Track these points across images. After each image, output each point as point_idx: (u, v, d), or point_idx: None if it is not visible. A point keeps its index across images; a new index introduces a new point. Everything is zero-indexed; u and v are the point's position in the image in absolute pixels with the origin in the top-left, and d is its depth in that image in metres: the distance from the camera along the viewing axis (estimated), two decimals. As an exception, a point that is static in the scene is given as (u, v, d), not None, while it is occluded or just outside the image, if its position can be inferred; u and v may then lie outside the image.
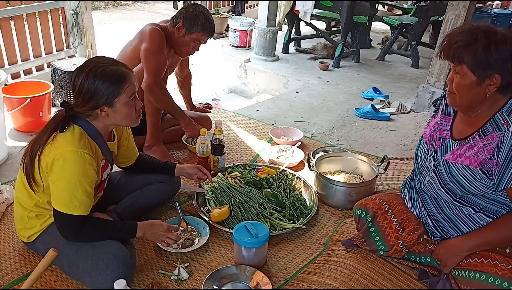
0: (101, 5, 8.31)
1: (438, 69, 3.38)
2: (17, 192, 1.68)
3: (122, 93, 1.52)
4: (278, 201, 2.13)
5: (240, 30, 5.38)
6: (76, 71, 1.52)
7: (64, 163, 1.45)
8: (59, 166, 1.46)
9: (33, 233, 1.67)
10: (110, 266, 1.51)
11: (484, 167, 1.39)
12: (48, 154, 1.48)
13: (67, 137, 1.49)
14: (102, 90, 1.48)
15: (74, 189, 1.47)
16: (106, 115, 1.55)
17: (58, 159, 1.45)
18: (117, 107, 1.53)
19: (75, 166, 1.46)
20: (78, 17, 3.83)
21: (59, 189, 1.49)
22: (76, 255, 1.57)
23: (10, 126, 2.98)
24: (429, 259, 1.67)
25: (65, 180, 1.47)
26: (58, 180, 1.48)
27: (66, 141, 1.47)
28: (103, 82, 1.48)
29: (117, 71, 1.51)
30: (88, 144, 1.53)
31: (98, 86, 1.48)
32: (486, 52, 1.30)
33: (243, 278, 1.68)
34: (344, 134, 3.21)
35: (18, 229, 1.72)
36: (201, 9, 2.44)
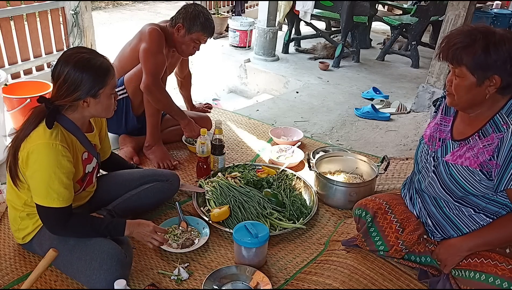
0: (101, 5, 8.31)
1: (438, 69, 3.38)
2: (7, 194, 1.68)
3: (107, 85, 1.53)
4: (278, 201, 2.13)
5: (240, 30, 5.38)
6: (61, 61, 1.49)
7: (37, 155, 1.45)
8: (33, 160, 1.46)
9: (27, 234, 1.68)
10: (103, 266, 1.51)
11: (484, 168, 1.40)
12: (22, 149, 1.48)
13: (40, 131, 1.48)
14: (89, 81, 1.48)
15: (49, 180, 1.46)
16: (87, 106, 1.54)
17: (31, 153, 1.45)
18: (100, 99, 1.54)
19: (48, 157, 1.45)
20: (78, 17, 3.83)
21: (36, 183, 1.48)
22: (70, 255, 1.57)
23: (10, 126, 2.98)
24: (429, 259, 1.67)
25: (40, 173, 1.46)
26: (33, 174, 1.47)
27: (39, 135, 1.47)
28: (91, 73, 1.48)
29: (103, 64, 1.53)
30: (63, 136, 1.52)
31: (85, 77, 1.48)
32: (485, 54, 1.30)
33: (243, 278, 1.69)
34: (344, 134, 3.21)
35: (13, 231, 1.73)
36: (200, 9, 2.44)
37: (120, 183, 1.99)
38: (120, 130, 2.67)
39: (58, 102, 1.50)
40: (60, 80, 1.48)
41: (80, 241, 1.59)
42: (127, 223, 1.64)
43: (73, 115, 1.57)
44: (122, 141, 2.65)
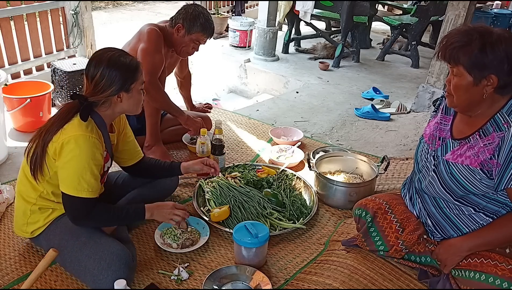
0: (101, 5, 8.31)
1: (438, 69, 3.39)
2: (20, 186, 1.68)
3: (137, 79, 1.64)
4: (278, 201, 2.13)
5: (240, 30, 5.38)
6: (94, 61, 1.59)
7: (73, 146, 1.50)
8: (68, 150, 1.50)
9: (36, 228, 1.68)
10: (112, 266, 1.52)
11: (484, 167, 1.40)
12: (56, 140, 1.52)
13: (75, 124, 1.54)
14: (122, 76, 1.58)
15: (83, 171, 1.52)
16: (120, 101, 1.62)
17: (66, 143, 1.50)
18: (132, 93, 1.64)
19: (84, 148, 1.51)
20: (78, 17, 3.83)
21: (68, 172, 1.53)
22: (80, 252, 1.58)
23: (10, 126, 2.98)
24: (429, 259, 1.67)
25: (74, 163, 1.52)
26: (66, 164, 1.52)
27: (74, 127, 1.53)
28: (123, 69, 1.59)
29: (133, 60, 1.64)
30: (96, 131, 1.59)
31: (119, 73, 1.58)
32: (481, 53, 1.31)
33: (243, 278, 1.68)
34: (344, 134, 3.21)
35: (20, 224, 1.71)
36: (200, 10, 2.44)
37: (122, 182, 2.01)
38: (120, 130, 2.66)
39: (93, 98, 1.58)
40: (96, 77, 1.57)
41: (92, 239, 1.60)
42: (146, 207, 1.71)
43: (105, 112, 1.65)
44: (122, 141, 2.64)
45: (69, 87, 3.23)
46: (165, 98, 2.45)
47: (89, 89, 1.60)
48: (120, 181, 2.01)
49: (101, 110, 1.63)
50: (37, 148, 1.55)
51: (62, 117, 1.56)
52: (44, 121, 3.06)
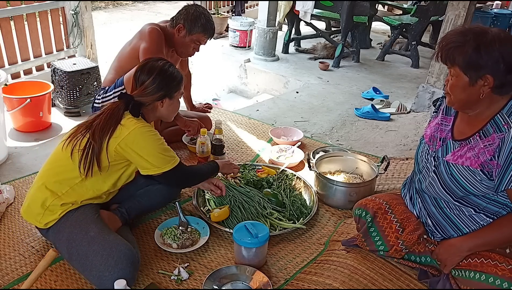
0: (101, 5, 8.31)
1: (438, 69, 3.39)
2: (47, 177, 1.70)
3: (180, 89, 1.82)
4: (278, 201, 2.13)
5: (240, 30, 5.38)
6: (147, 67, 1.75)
7: (142, 136, 1.66)
8: (138, 141, 1.66)
9: (51, 220, 1.68)
10: (119, 265, 1.53)
11: (484, 168, 1.40)
12: (119, 136, 1.64)
13: (131, 120, 1.68)
14: (170, 84, 1.76)
15: (161, 150, 1.73)
16: (161, 106, 1.78)
17: (134, 136, 1.65)
18: (173, 100, 1.81)
19: (150, 133, 1.70)
20: (78, 17, 3.83)
21: (150, 157, 1.69)
22: (88, 247, 1.59)
23: (10, 126, 2.98)
24: (429, 259, 1.67)
25: (153, 147, 1.69)
26: (144, 152, 1.68)
27: (132, 123, 1.67)
28: (172, 78, 1.77)
29: (179, 72, 1.83)
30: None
31: (169, 80, 1.76)
32: (476, 53, 1.32)
33: (243, 278, 1.69)
34: (344, 134, 3.21)
35: (35, 213, 1.69)
36: (201, 10, 2.44)
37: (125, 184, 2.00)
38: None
39: (140, 99, 1.72)
40: (147, 82, 1.73)
41: (100, 235, 1.61)
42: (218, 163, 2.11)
43: (148, 115, 1.79)
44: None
45: (69, 87, 3.23)
46: None
47: (137, 91, 1.74)
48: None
49: (144, 111, 1.77)
50: (92, 144, 1.63)
51: (114, 114, 1.67)
52: (44, 121, 3.08)
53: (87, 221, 1.66)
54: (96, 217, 1.71)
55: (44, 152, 2.68)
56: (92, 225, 1.65)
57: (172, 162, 1.75)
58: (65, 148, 1.67)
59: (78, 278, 1.68)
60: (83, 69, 3.29)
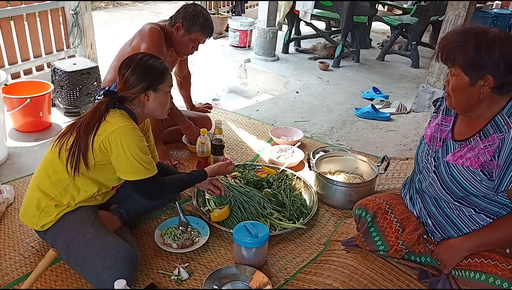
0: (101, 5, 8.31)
1: (438, 69, 3.39)
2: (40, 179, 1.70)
3: (165, 81, 1.73)
4: (278, 201, 2.13)
5: (240, 30, 5.38)
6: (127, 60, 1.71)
7: (122, 138, 1.59)
8: (118, 141, 1.59)
9: (47, 222, 1.68)
10: (117, 265, 1.53)
11: (485, 168, 1.40)
12: (102, 134, 1.59)
13: (117, 116, 1.63)
14: (151, 75, 1.69)
15: (141, 156, 1.64)
16: (147, 100, 1.71)
17: (115, 137, 1.59)
18: (159, 93, 1.72)
19: (132, 137, 1.62)
20: (78, 17, 3.82)
21: (127, 162, 1.62)
22: (85, 249, 1.58)
23: (10, 126, 2.98)
24: (429, 259, 1.67)
25: (129, 152, 1.61)
26: (122, 155, 1.60)
27: (115, 122, 1.61)
28: (153, 69, 1.71)
29: (162, 63, 1.76)
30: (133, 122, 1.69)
31: (150, 70, 1.69)
32: (476, 53, 1.32)
33: (243, 278, 1.68)
34: (344, 134, 3.21)
35: (31, 216, 1.70)
36: (200, 9, 2.44)
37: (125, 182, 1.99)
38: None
39: (122, 93, 1.68)
40: (127, 74, 1.68)
41: (98, 237, 1.61)
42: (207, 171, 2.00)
43: (135, 110, 1.73)
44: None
45: (69, 87, 3.23)
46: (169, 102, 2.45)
47: (119, 86, 1.71)
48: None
49: (131, 107, 1.72)
50: (78, 142, 1.61)
51: (97, 110, 1.63)
52: (44, 121, 3.08)
53: (84, 223, 1.65)
54: (93, 218, 1.70)
55: (44, 152, 2.63)
56: (89, 227, 1.64)
57: (145, 172, 1.66)
58: (54, 149, 1.66)
59: (78, 278, 1.68)
60: (83, 69, 3.29)
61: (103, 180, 1.73)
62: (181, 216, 2.01)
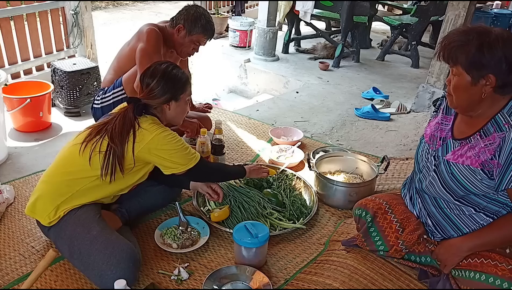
0: (101, 5, 8.31)
1: (438, 69, 3.39)
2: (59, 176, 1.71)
3: (186, 90, 1.82)
4: (278, 201, 2.13)
5: (240, 30, 5.38)
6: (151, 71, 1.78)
7: (167, 138, 1.70)
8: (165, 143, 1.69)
9: (55, 218, 1.68)
10: (121, 264, 1.54)
11: (485, 167, 1.39)
12: (142, 140, 1.67)
13: (150, 123, 1.71)
14: (176, 85, 1.77)
15: (184, 149, 1.76)
16: (168, 109, 1.79)
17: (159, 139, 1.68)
18: (180, 102, 1.80)
19: (170, 138, 1.71)
20: (78, 17, 3.82)
21: (177, 157, 1.74)
22: (90, 245, 1.59)
23: (10, 126, 2.98)
24: (429, 259, 1.67)
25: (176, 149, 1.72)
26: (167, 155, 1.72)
27: (155, 127, 1.70)
28: (177, 79, 1.78)
29: (184, 74, 1.83)
30: None
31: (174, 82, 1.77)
32: (479, 53, 1.31)
33: (243, 278, 1.68)
34: (344, 134, 3.21)
35: (41, 210, 1.70)
36: (202, 11, 2.44)
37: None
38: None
39: (146, 101, 1.73)
40: (152, 85, 1.74)
41: (102, 234, 1.62)
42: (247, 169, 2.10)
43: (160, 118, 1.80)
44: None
45: (69, 87, 3.23)
46: None
47: (143, 94, 1.76)
48: None
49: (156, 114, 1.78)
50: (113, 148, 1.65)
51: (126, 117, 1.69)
52: (45, 121, 3.08)
53: (89, 220, 1.66)
54: (98, 217, 1.70)
55: (44, 152, 2.68)
56: (95, 224, 1.65)
57: (194, 158, 1.79)
58: (82, 152, 1.66)
59: (78, 278, 1.68)
60: (83, 69, 3.29)
61: (130, 182, 1.80)
62: (181, 216, 2.01)
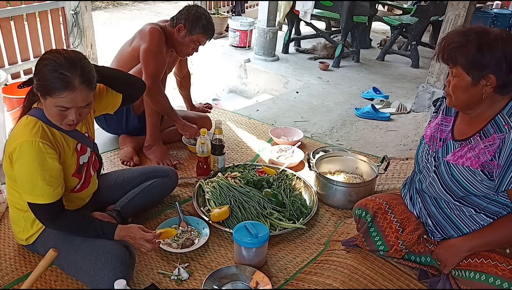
0: (101, 5, 8.32)
1: (438, 69, 3.39)
2: (9, 195, 1.66)
3: (52, 96, 1.43)
4: (278, 201, 2.13)
5: (240, 30, 5.38)
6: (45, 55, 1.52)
7: (19, 154, 1.45)
8: (15, 157, 1.46)
9: (30, 235, 1.67)
10: (108, 266, 1.51)
11: (485, 168, 1.39)
12: (7, 148, 1.50)
13: (21, 126, 1.50)
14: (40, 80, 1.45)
15: (33, 178, 1.46)
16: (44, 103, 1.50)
17: (14, 151, 1.46)
18: (46, 103, 1.47)
19: (29, 155, 1.45)
20: (78, 17, 3.83)
21: (21, 180, 1.50)
22: (75, 255, 1.57)
23: (10, 126, 2.98)
24: (429, 259, 1.67)
25: (24, 171, 1.47)
26: (18, 171, 1.49)
27: (20, 131, 1.49)
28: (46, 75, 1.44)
29: (63, 78, 1.42)
30: (44, 132, 1.50)
31: (39, 74, 1.46)
32: (478, 53, 1.32)
33: (243, 278, 1.68)
34: (344, 134, 3.21)
35: (16, 232, 1.72)
36: (202, 11, 2.44)
37: (121, 181, 2.00)
38: (120, 130, 2.67)
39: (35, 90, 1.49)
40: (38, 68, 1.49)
41: (86, 241, 1.59)
42: (118, 227, 1.62)
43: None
44: (122, 141, 2.65)
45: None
46: (166, 102, 2.45)
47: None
48: (120, 180, 2.01)
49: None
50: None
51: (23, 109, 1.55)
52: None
53: None
54: None
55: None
56: None
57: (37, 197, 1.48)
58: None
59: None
60: (83, 69, 3.28)
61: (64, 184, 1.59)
62: (180, 216, 2.01)
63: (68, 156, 1.60)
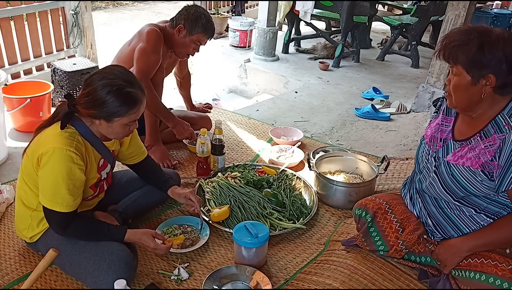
0: (101, 5, 8.31)
1: (438, 69, 3.39)
2: (20, 191, 1.67)
3: (125, 116, 1.54)
4: (278, 201, 2.13)
5: (240, 30, 5.38)
6: (95, 75, 1.53)
7: (49, 158, 1.47)
8: (45, 161, 1.48)
9: (35, 234, 1.67)
10: (112, 267, 1.52)
11: (485, 168, 1.39)
12: (36, 149, 1.51)
13: (56, 133, 1.52)
14: (108, 106, 1.50)
15: (57, 185, 1.48)
16: (99, 124, 1.56)
17: (45, 154, 1.47)
18: (113, 125, 1.56)
19: (60, 163, 1.47)
20: (78, 17, 3.83)
21: (44, 184, 1.51)
22: (79, 255, 1.58)
23: (10, 126, 2.98)
24: (429, 259, 1.67)
25: (50, 176, 1.49)
26: (43, 175, 1.50)
27: (54, 138, 1.50)
28: (114, 100, 1.49)
29: (132, 95, 1.52)
30: (78, 144, 1.53)
31: (107, 101, 1.49)
32: (479, 52, 1.32)
33: (243, 278, 1.68)
34: (344, 134, 3.21)
35: (20, 229, 1.71)
36: (202, 11, 2.44)
37: (124, 182, 2.00)
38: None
39: (79, 107, 1.53)
40: (86, 91, 1.51)
41: (90, 242, 1.60)
42: (128, 231, 1.64)
43: (91, 126, 1.60)
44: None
45: (69, 87, 3.23)
46: (154, 101, 2.40)
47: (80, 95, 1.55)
48: (123, 180, 2.01)
49: (86, 121, 1.58)
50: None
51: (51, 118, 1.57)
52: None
53: None
54: None
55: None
56: None
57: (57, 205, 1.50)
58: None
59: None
60: (83, 69, 3.29)
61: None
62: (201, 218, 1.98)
63: (92, 170, 1.63)
